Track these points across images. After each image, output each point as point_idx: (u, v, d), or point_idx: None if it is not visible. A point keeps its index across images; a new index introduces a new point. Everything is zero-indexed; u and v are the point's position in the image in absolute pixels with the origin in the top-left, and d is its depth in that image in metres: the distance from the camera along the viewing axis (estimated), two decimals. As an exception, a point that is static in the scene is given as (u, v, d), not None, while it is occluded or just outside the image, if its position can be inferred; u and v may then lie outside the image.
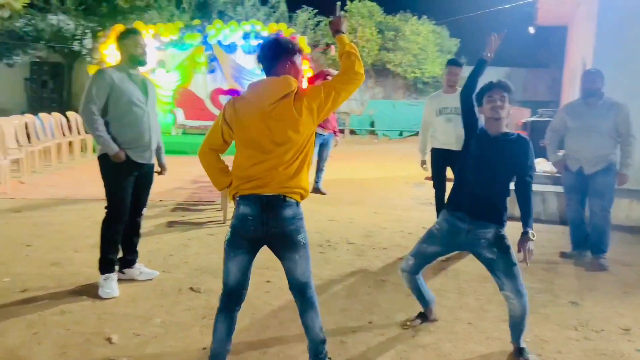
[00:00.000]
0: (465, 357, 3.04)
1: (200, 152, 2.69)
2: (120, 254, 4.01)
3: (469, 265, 4.59)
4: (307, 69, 13.04)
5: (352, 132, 17.28)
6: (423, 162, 5.49)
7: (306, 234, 2.62)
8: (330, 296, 3.90)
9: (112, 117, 3.78)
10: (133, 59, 3.82)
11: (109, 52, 13.20)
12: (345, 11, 17.01)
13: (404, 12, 18.07)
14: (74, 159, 10.43)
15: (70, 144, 10.58)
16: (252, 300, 3.71)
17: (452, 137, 5.14)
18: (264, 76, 2.63)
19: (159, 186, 7.67)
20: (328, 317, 3.49)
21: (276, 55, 2.58)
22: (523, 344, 3.03)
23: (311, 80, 7.59)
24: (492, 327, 3.44)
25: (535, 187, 6.53)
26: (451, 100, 5.15)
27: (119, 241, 3.96)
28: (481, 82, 3.16)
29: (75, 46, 17.25)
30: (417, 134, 17.31)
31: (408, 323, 3.38)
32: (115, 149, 3.75)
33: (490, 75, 3.07)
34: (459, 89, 5.09)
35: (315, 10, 17.58)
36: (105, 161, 3.83)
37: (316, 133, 7.39)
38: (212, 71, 13.77)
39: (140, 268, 4.14)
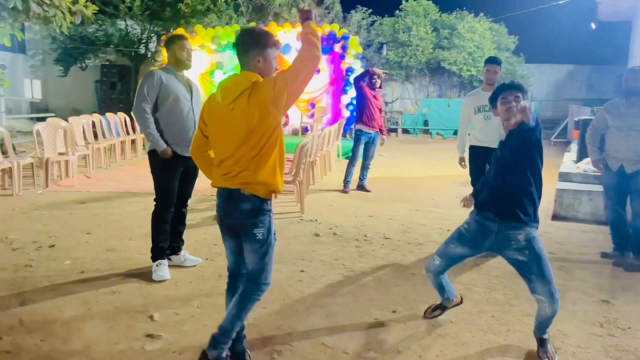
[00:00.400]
0: (482, 347, 3.13)
1: (191, 151, 2.89)
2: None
3: (502, 262, 4.60)
4: (358, 69, 13.22)
5: (405, 131, 17.25)
6: (461, 160, 5.53)
7: (267, 230, 2.64)
8: (359, 287, 4.06)
9: (161, 114, 4.10)
10: (179, 61, 4.13)
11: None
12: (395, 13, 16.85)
13: (460, 10, 17.84)
14: (136, 155, 11.08)
15: (132, 142, 11.25)
16: (284, 288, 3.96)
17: (490, 135, 5.16)
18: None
19: (208, 181, 8.10)
20: (354, 306, 3.68)
21: (246, 50, 2.60)
22: (546, 336, 3.02)
23: (357, 81, 7.76)
24: (515, 320, 3.50)
25: (577, 187, 6.48)
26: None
27: (167, 230, 4.28)
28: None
29: (141, 49, 18.22)
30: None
31: (428, 315, 3.44)
32: (163, 146, 4.06)
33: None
34: (497, 86, 5.16)
35: (370, 10, 17.71)
36: (154, 156, 4.16)
37: (361, 131, 7.58)
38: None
39: (185, 255, 4.46)
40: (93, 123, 10.09)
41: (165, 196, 4.20)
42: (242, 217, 2.63)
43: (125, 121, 11.24)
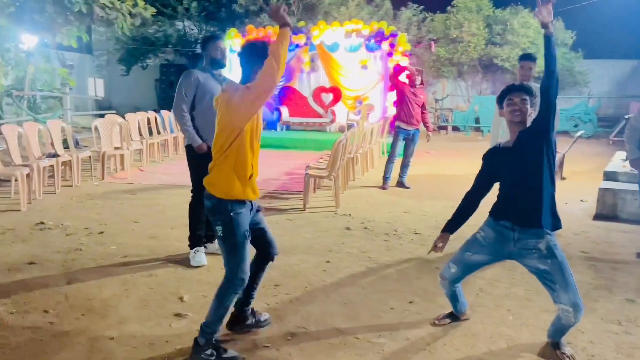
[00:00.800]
0: (491, 339, 3.19)
1: None
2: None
3: (529, 259, 4.62)
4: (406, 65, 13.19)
5: (456, 128, 17.03)
6: (494, 157, 5.51)
7: (228, 229, 2.80)
8: (381, 278, 4.18)
9: (197, 112, 4.37)
10: (214, 61, 4.39)
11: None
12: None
13: (515, 5, 17.38)
14: (182, 153, 11.57)
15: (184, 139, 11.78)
16: (308, 276, 4.15)
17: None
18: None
19: (255, 176, 8.38)
20: (372, 295, 3.81)
21: (248, 62, 2.80)
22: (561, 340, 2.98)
23: (392, 78, 7.84)
24: (531, 315, 3.52)
25: (621, 186, 6.30)
26: (524, 95, 5.15)
27: (203, 219, 4.55)
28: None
29: (198, 49, 18.91)
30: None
31: (436, 322, 3.33)
32: (199, 142, 4.34)
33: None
34: (533, 84, 5.14)
35: (421, 7, 17.56)
36: (190, 151, 4.45)
37: (400, 128, 7.61)
38: (315, 70, 14.43)
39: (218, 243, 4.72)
40: (148, 120, 10.66)
41: (201, 188, 4.47)
42: (207, 213, 2.94)
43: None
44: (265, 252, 3.14)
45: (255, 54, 2.77)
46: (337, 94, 14.26)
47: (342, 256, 4.67)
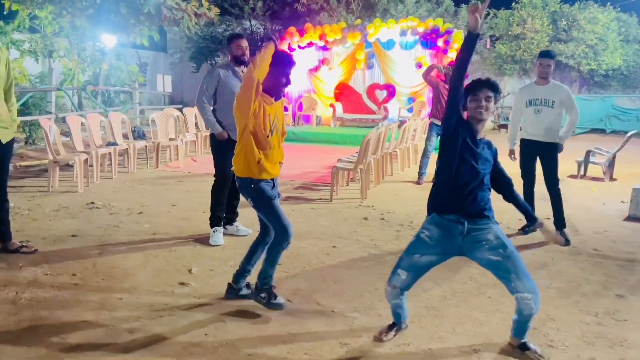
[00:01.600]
0: (460, 320, 3.37)
1: None
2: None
3: (524, 251, 4.71)
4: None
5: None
6: (511, 152, 5.57)
7: (254, 199, 3.35)
8: (378, 263, 4.41)
9: (218, 106, 4.80)
10: (235, 58, 4.79)
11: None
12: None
13: (583, 0, 16.66)
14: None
15: None
16: (310, 259, 4.47)
17: (539, 128, 5.20)
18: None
19: (296, 168, 8.80)
20: (363, 277, 4.08)
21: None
22: (526, 339, 2.95)
23: (425, 75, 7.97)
24: (509, 303, 3.62)
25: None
26: (541, 91, 5.19)
27: (224, 202, 4.98)
28: None
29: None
30: (590, 131, 15.99)
31: (383, 337, 3.04)
32: (219, 129, 4.77)
33: None
34: (552, 81, 5.17)
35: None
36: (213, 139, 4.88)
37: (433, 124, 7.73)
38: (370, 67, 14.63)
39: (237, 225, 5.14)
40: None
41: (222, 173, 4.90)
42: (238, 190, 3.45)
43: None
44: (264, 233, 3.51)
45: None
46: (391, 91, 14.40)
47: (350, 243, 4.95)
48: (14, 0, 11.44)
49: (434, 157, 8.12)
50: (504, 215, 6.00)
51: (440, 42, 13.34)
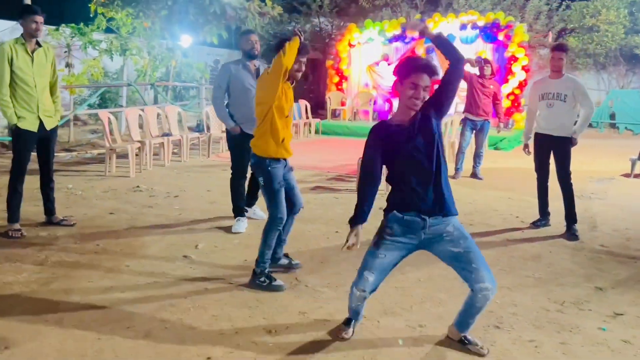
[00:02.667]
0: (422, 300, 3.56)
1: None
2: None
3: (522, 247, 4.75)
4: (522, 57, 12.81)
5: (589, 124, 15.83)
6: (525, 147, 5.56)
7: (265, 180, 3.68)
8: (371, 247, 4.65)
9: (231, 100, 5.13)
10: (245, 53, 5.13)
11: (342, 49, 15.23)
12: None
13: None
14: (302, 137, 12.69)
15: (304, 125, 13.06)
16: (308, 241, 4.81)
17: (552, 122, 5.18)
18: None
19: (337, 161, 9.13)
20: (351, 259, 4.30)
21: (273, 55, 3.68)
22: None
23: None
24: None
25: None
26: (555, 85, 5.17)
27: (243, 193, 5.37)
28: None
29: (332, 43, 20.04)
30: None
31: (344, 336, 3.04)
32: (232, 124, 5.10)
33: None
34: (565, 74, 5.15)
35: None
36: (228, 134, 5.27)
37: (466, 119, 7.74)
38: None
39: (255, 209, 5.54)
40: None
41: (238, 165, 5.26)
42: (251, 167, 3.86)
43: (306, 107, 13.27)
44: (291, 203, 3.91)
45: (274, 49, 3.65)
46: (450, 86, 14.27)
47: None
48: (100, 4, 12.65)
49: (470, 151, 8.19)
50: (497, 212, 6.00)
51: (501, 36, 13.08)
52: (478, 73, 7.95)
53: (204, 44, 16.82)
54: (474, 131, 7.90)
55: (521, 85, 13.04)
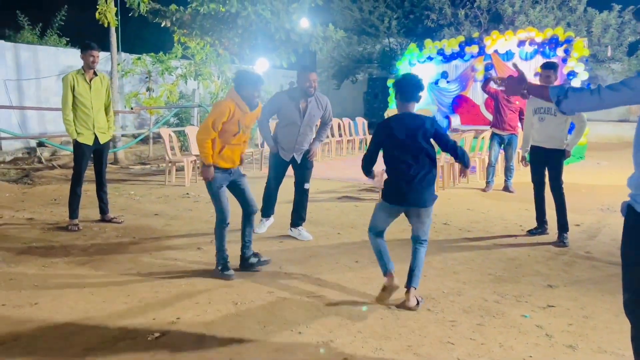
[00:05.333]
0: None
1: None
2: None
3: (505, 252, 5.07)
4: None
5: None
6: (523, 159, 5.85)
7: (208, 183, 4.38)
8: (367, 248, 5.21)
9: (278, 127, 5.61)
10: (302, 90, 5.34)
11: (403, 68, 15.75)
12: None
13: None
14: (356, 152, 13.36)
15: (360, 141, 13.86)
16: (311, 240, 5.44)
17: (543, 135, 5.49)
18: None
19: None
20: (339, 256, 4.94)
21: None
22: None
23: (484, 86, 8.25)
24: (442, 267, 4.23)
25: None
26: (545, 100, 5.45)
27: (273, 199, 5.94)
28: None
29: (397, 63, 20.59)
30: None
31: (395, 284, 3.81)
32: (271, 144, 5.62)
33: None
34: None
35: (631, 7, 15.85)
36: (270, 153, 5.96)
37: (493, 134, 8.04)
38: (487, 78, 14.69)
39: (300, 230, 5.63)
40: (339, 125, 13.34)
41: (270, 176, 5.90)
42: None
43: (364, 124, 14.28)
44: (243, 206, 4.64)
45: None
46: (510, 102, 14.28)
47: (357, 232, 5.79)
48: (183, 34, 14.21)
49: (500, 166, 8.42)
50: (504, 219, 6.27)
51: (559, 52, 12.98)
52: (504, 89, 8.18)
53: (279, 67, 17.99)
54: (502, 145, 8.15)
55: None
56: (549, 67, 5.46)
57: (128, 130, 14.48)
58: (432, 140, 3.65)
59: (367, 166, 3.83)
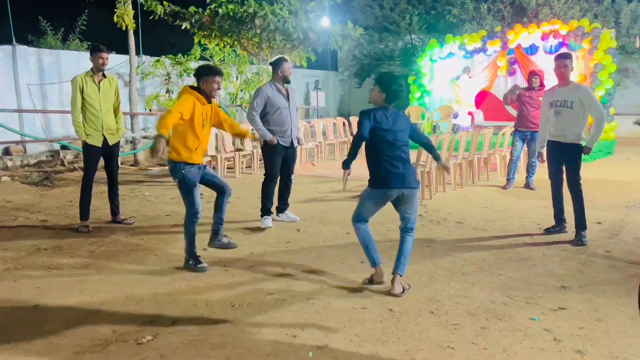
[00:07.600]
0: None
1: None
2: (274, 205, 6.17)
3: (518, 251, 4.87)
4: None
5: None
6: (539, 155, 5.62)
7: (180, 181, 4.39)
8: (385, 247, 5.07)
9: (267, 119, 5.76)
10: (283, 78, 5.69)
11: (424, 64, 15.50)
12: None
13: None
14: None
15: None
16: (317, 239, 5.38)
17: (560, 129, 5.27)
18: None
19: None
20: (343, 256, 4.82)
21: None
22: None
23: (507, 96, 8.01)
24: (426, 262, 4.08)
25: None
26: (561, 93, 5.28)
27: (272, 196, 6.01)
28: None
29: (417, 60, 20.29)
30: None
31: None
32: (269, 136, 5.80)
33: None
34: (572, 82, 5.27)
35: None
36: (265, 144, 5.99)
37: (517, 130, 7.78)
38: (512, 74, 14.33)
39: (288, 213, 6.13)
40: (343, 123, 12.81)
41: (271, 172, 5.98)
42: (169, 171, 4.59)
43: None
44: (219, 190, 4.81)
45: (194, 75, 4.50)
46: (534, 97, 13.89)
47: (341, 225, 5.68)
48: (203, 35, 14.28)
49: (522, 163, 8.16)
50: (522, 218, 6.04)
51: (585, 43, 12.56)
52: (526, 85, 7.97)
53: (300, 66, 17.93)
54: (525, 141, 7.89)
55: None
56: (565, 57, 5.23)
57: (150, 132, 14.64)
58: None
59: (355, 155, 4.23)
